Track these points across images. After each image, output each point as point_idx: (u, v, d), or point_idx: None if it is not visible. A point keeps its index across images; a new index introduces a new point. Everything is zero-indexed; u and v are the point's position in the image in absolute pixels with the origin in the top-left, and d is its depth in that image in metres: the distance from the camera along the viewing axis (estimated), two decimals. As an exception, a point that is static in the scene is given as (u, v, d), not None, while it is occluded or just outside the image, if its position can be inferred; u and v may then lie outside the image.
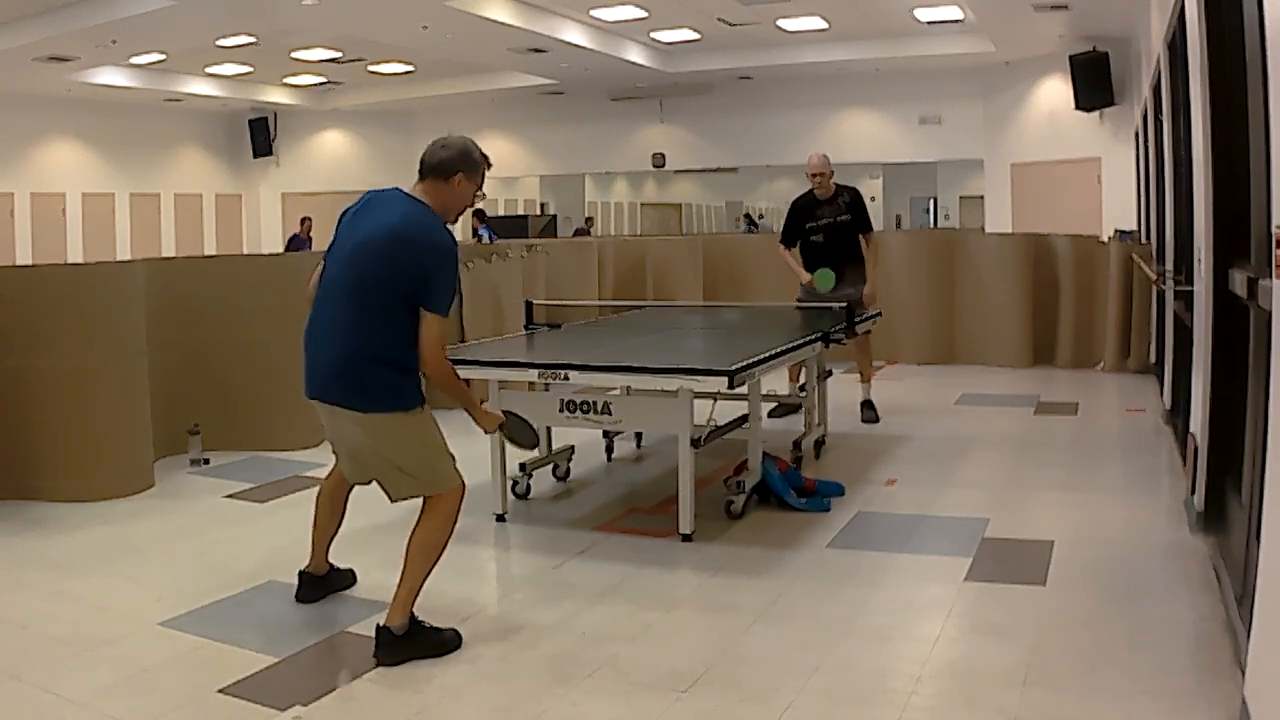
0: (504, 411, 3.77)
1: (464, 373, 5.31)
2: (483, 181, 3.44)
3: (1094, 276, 8.98)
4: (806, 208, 6.95)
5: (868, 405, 6.99)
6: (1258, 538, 2.74)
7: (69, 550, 4.46)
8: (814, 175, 6.85)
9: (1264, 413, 2.67)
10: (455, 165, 3.35)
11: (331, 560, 3.87)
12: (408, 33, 12.84)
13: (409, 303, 3.20)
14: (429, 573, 3.36)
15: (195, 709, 2.97)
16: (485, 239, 13.45)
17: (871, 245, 6.94)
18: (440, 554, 3.39)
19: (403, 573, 3.33)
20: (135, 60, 14.81)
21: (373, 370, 3.23)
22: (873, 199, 7.46)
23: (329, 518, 3.79)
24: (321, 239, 16.89)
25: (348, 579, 3.90)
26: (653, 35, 14.50)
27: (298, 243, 15.99)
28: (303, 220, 16.03)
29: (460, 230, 18.98)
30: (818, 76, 15.88)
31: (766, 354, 4.57)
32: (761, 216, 20.66)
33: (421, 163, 3.37)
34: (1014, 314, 9.19)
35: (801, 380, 6.51)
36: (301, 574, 3.82)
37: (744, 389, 4.59)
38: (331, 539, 3.82)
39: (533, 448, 3.96)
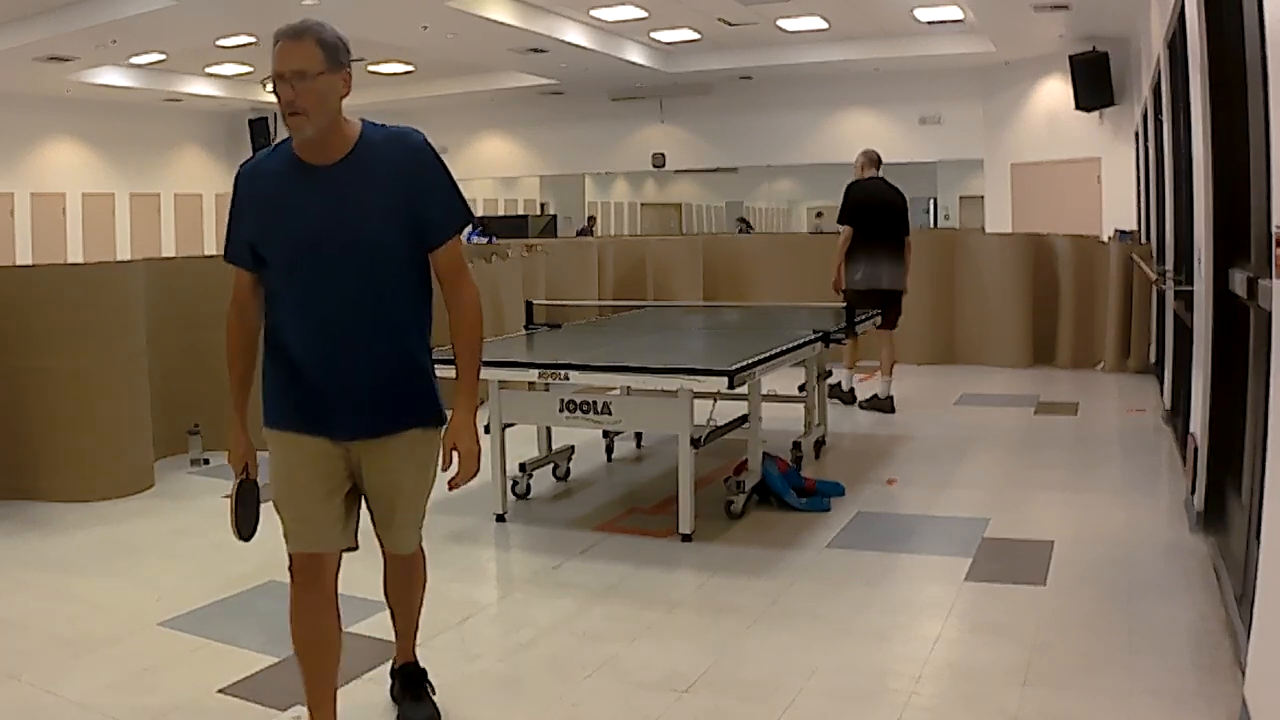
0: (242, 485, 2.72)
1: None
2: (275, 72, 2.42)
3: (1094, 276, 8.98)
4: None
5: (873, 397, 7.16)
6: (1258, 538, 2.74)
7: (69, 550, 4.46)
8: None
9: (1264, 413, 2.67)
10: None
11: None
12: (408, 33, 12.84)
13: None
14: None
15: (195, 709, 2.97)
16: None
17: (840, 237, 7.23)
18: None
19: None
20: (135, 60, 14.81)
21: None
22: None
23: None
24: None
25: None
26: (653, 35, 14.50)
27: None
28: None
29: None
30: (818, 76, 15.88)
31: (766, 354, 4.57)
32: (819, 215, 20.45)
33: None
34: (1014, 314, 9.19)
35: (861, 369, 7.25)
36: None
37: (744, 389, 4.59)
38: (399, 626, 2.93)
39: (241, 538, 2.73)
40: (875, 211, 7.13)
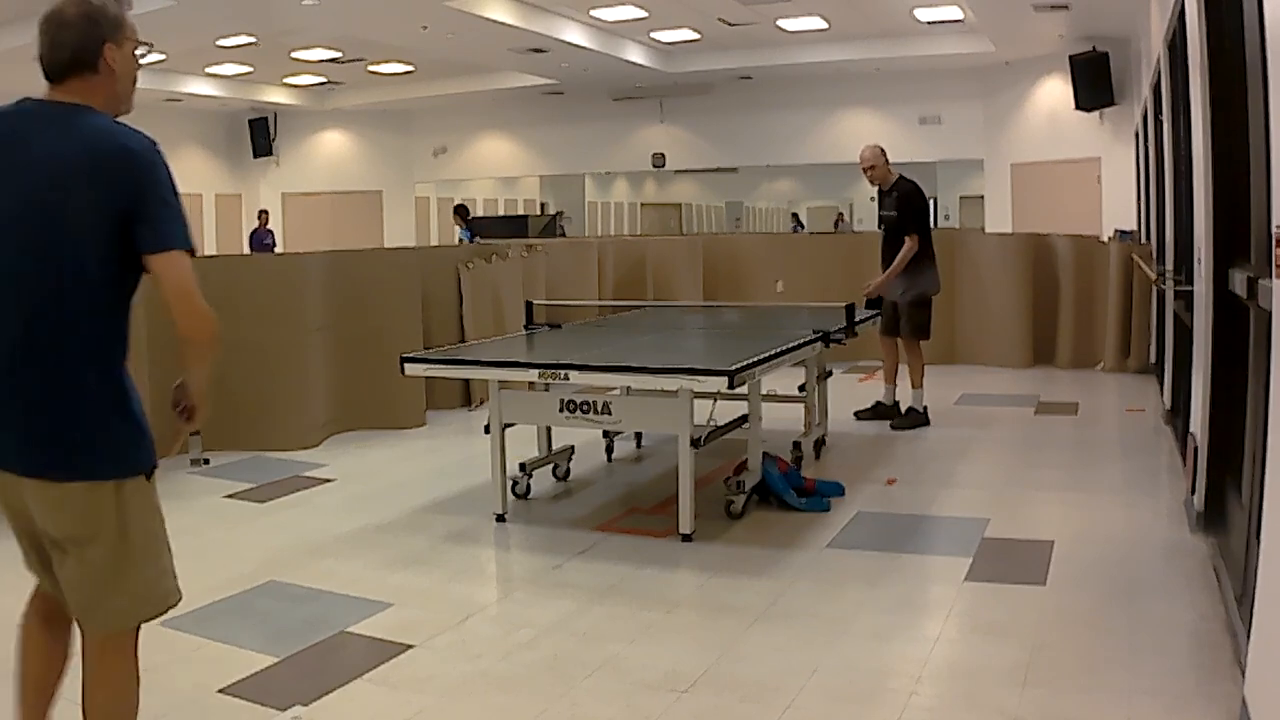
0: None
1: (464, 373, 5.36)
2: (134, 33, 2.33)
3: (1094, 276, 8.98)
4: (878, 198, 7.11)
5: (911, 410, 6.84)
6: (1258, 538, 2.74)
7: (69, 550, 4.45)
8: (864, 169, 6.96)
9: (1264, 413, 2.67)
10: (97, 38, 2.28)
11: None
12: (408, 33, 12.84)
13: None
14: None
15: (195, 709, 2.97)
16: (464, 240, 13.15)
17: (905, 247, 6.64)
18: None
19: None
20: (135, 60, 14.80)
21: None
22: (872, 199, 7.62)
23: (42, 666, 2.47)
24: (312, 239, 16.96)
25: None
26: (653, 35, 14.49)
27: (259, 238, 15.97)
28: (260, 214, 16.08)
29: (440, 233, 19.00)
30: (818, 76, 15.87)
31: (766, 354, 4.57)
32: (856, 219, 19.91)
33: (51, 63, 2.38)
34: (1014, 314, 9.19)
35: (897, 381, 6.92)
36: None
37: (744, 389, 4.59)
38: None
39: None
40: None
